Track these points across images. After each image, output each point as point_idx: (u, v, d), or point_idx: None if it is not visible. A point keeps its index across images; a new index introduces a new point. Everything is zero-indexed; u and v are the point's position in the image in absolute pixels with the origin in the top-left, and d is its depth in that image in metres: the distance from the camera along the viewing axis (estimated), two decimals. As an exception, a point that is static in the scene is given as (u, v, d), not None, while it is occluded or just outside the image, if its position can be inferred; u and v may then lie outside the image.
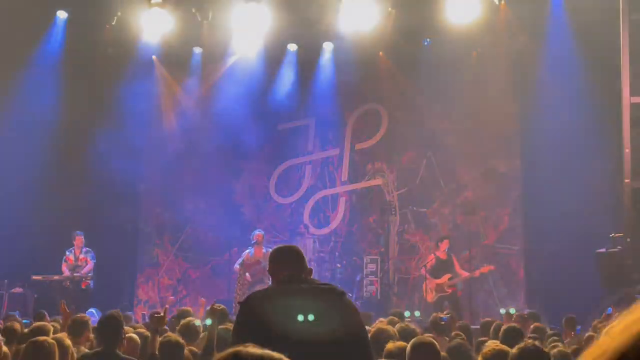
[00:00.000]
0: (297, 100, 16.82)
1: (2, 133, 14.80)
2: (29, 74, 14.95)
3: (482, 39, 15.33)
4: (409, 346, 4.74)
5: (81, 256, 14.33)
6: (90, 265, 14.31)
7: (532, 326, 8.64)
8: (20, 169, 14.60)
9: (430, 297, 13.81)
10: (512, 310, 11.36)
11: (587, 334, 7.59)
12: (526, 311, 11.04)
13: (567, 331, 9.22)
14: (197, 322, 6.59)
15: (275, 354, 1.95)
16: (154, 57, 16.57)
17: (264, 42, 15.82)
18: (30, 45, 15.11)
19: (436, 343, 4.82)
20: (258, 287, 13.52)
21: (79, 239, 14.43)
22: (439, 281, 13.39)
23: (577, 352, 5.50)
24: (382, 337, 5.70)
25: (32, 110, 14.76)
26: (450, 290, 13.39)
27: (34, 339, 5.36)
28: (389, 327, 6.34)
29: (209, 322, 6.25)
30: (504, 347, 4.67)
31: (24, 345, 5.37)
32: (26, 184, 14.66)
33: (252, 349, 1.95)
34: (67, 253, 14.40)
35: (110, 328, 5.59)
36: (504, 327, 6.07)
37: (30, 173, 14.65)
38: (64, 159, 15.39)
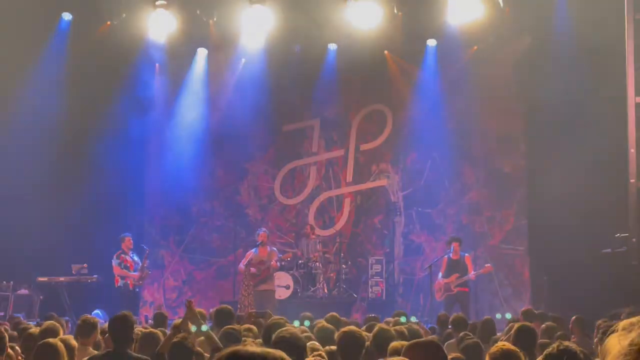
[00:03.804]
0: (301, 101, 16.84)
1: (7, 135, 14.82)
2: (34, 75, 14.97)
3: (487, 39, 15.35)
4: (405, 346, 4.64)
5: (135, 258, 14.15)
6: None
7: (543, 326, 8.63)
8: (25, 171, 14.61)
9: (438, 296, 13.83)
10: (508, 316, 11.37)
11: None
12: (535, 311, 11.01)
13: (576, 331, 9.19)
14: (194, 328, 6.63)
15: (275, 351, 1.95)
16: (156, 64, 16.57)
17: (268, 43, 15.83)
18: (35, 47, 15.12)
19: (437, 342, 4.74)
20: (262, 287, 13.54)
21: (129, 240, 14.18)
22: (447, 280, 13.39)
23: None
24: (385, 337, 5.70)
25: (37, 112, 14.78)
26: (455, 290, 13.34)
27: (44, 340, 5.40)
28: (391, 328, 6.35)
29: (204, 328, 6.37)
30: (512, 347, 4.64)
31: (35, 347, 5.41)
32: (31, 186, 14.68)
33: (251, 347, 1.95)
34: (129, 257, 14.04)
35: (122, 328, 5.61)
36: (517, 326, 6.02)
37: (34, 175, 14.66)
38: (69, 160, 15.41)
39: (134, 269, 13.95)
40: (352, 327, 5.46)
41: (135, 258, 14.16)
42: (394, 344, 5.35)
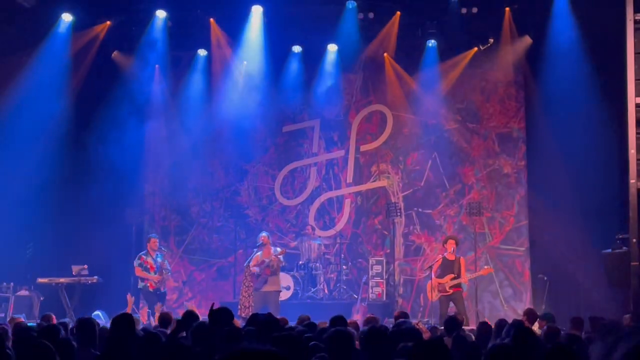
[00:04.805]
0: (301, 102, 16.83)
1: (7, 136, 14.82)
2: (34, 77, 14.96)
3: (487, 39, 15.36)
4: (411, 346, 4.67)
5: (159, 260, 13.92)
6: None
7: (545, 326, 8.61)
8: (25, 172, 14.61)
9: (432, 296, 13.69)
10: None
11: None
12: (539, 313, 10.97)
13: (575, 332, 9.18)
14: None
15: (277, 350, 1.96)
16: (156, 65, 16.57)
17: (268, 44, 15.82)
18: (35, 47, 15.12)
19: (443, 341, 4.76)
20: (266, 288, 13.52)
21: (154, 242, 14.00)
22: (441, 281, 13.30)
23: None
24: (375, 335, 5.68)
25: (37, 113, 14.78)
26: (451, 291, 13.20)
27: (39, 341, 5.39)
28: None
29: None
30: (510, 345, 4.65)
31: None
32: (31, 187, 14.67)
33: (253, 347, 1.96)
34: (150, 259, 13.82)
35: (121, 329, 5.61)
36: (514, 326, 6.02)
37: (35, 176, 14.66)
38: (69, 161, 15.41)
39: (155, 271, 13.83)
40: (342, 328, 5.46)
41: (159, 259, 14.05)
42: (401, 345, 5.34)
